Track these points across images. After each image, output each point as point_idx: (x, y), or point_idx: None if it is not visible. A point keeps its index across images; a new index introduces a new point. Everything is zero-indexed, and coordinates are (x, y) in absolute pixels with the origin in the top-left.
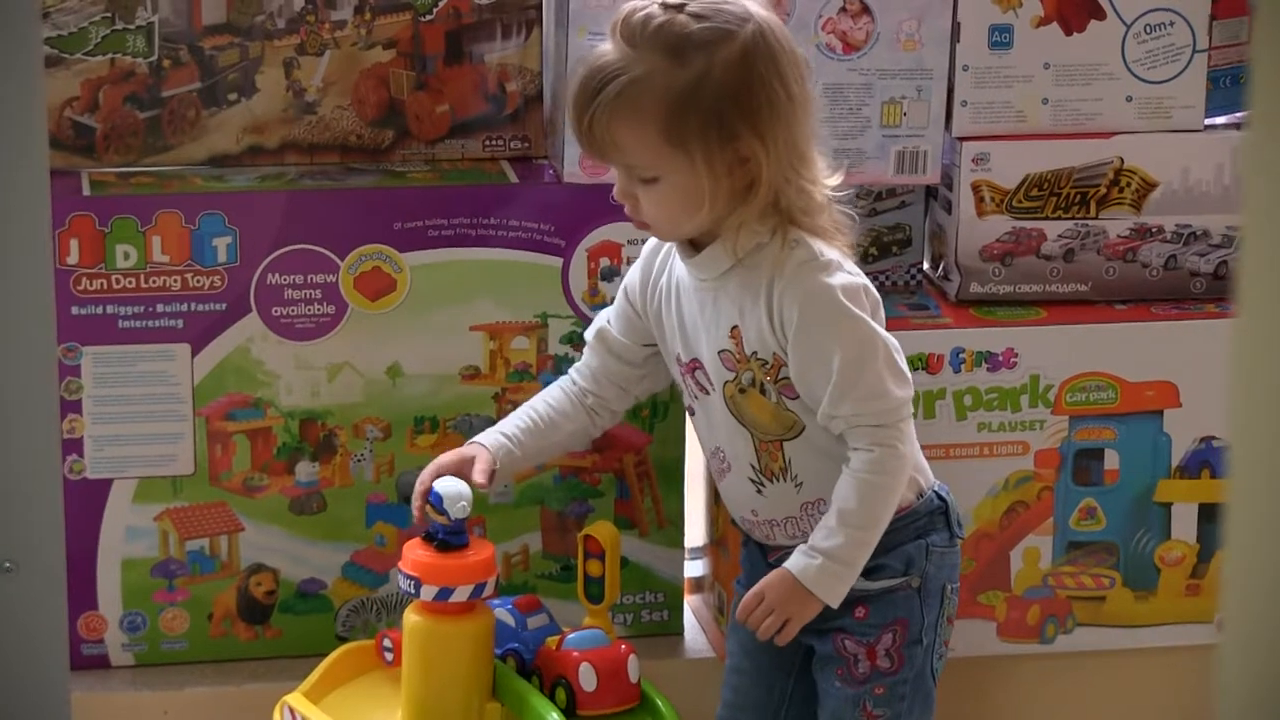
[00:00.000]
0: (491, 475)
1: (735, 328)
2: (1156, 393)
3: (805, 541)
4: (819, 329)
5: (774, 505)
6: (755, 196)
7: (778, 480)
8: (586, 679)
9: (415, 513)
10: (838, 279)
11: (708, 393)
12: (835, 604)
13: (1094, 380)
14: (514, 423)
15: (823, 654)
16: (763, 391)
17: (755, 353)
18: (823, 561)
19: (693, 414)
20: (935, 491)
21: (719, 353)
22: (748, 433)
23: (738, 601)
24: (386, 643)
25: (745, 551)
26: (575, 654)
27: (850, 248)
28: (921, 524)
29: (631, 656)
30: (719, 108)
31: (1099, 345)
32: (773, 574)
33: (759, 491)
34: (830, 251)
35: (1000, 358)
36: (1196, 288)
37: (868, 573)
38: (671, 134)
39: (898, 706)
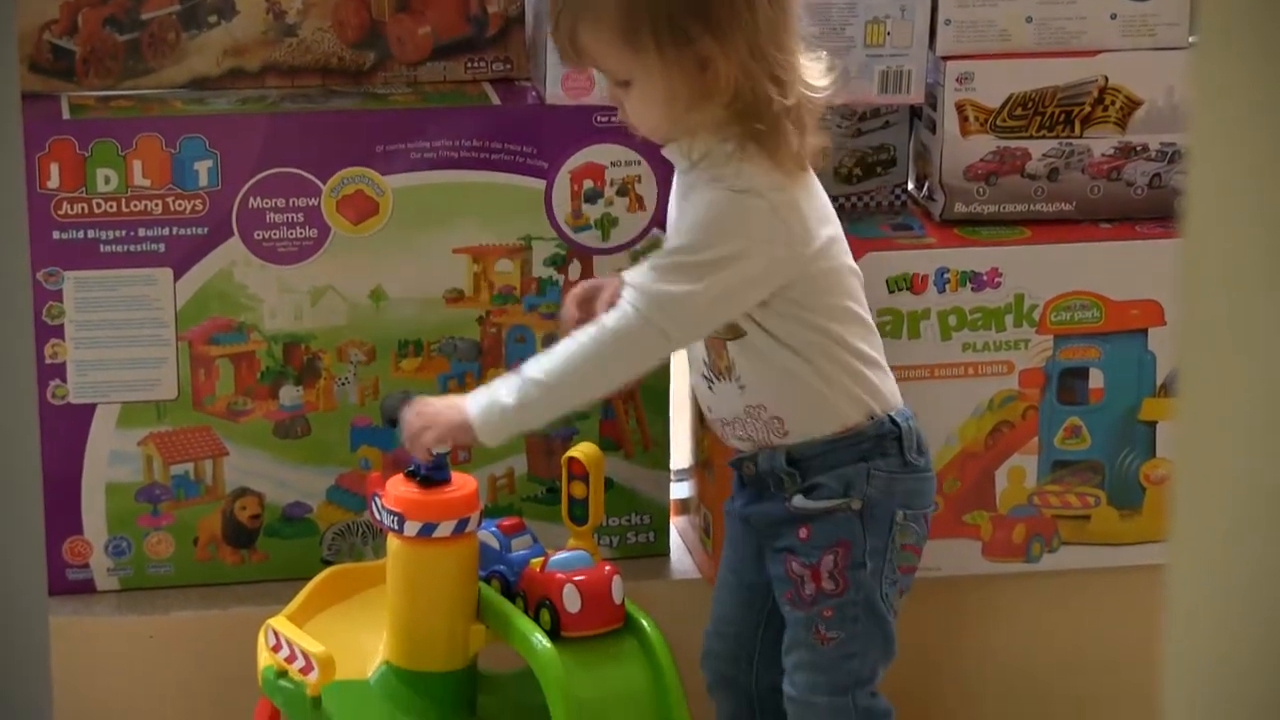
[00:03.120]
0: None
1: (677, 225)
2: (1141, 311)
3: (755, 446)
4: (690, 216)
5: (722, 404)
6: (711, 102)
7: (724, 379)
8: (570, 601)
9: (568, 317)
10: (746, 197)
11: None
12: (487, 440)
13: (1078, 299)
14: None
15: (775, 575)
16: None
17: None
18: (491, 391)
19: None
20: (891, 416)
21: None
22: None
23: (730, 526)
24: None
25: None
26: (559, 576)
27: (816, 169)
28: (866, 447)
29: (616, 578)
30: (669, 9)
31: (1084, 264)
32: (450, 399)
33: (710, 389)
34: (762, 179)
35: (985, 277)
36: (1181, 206)
37: (807, 491)
38: (629, 37)
39: (851, 628)
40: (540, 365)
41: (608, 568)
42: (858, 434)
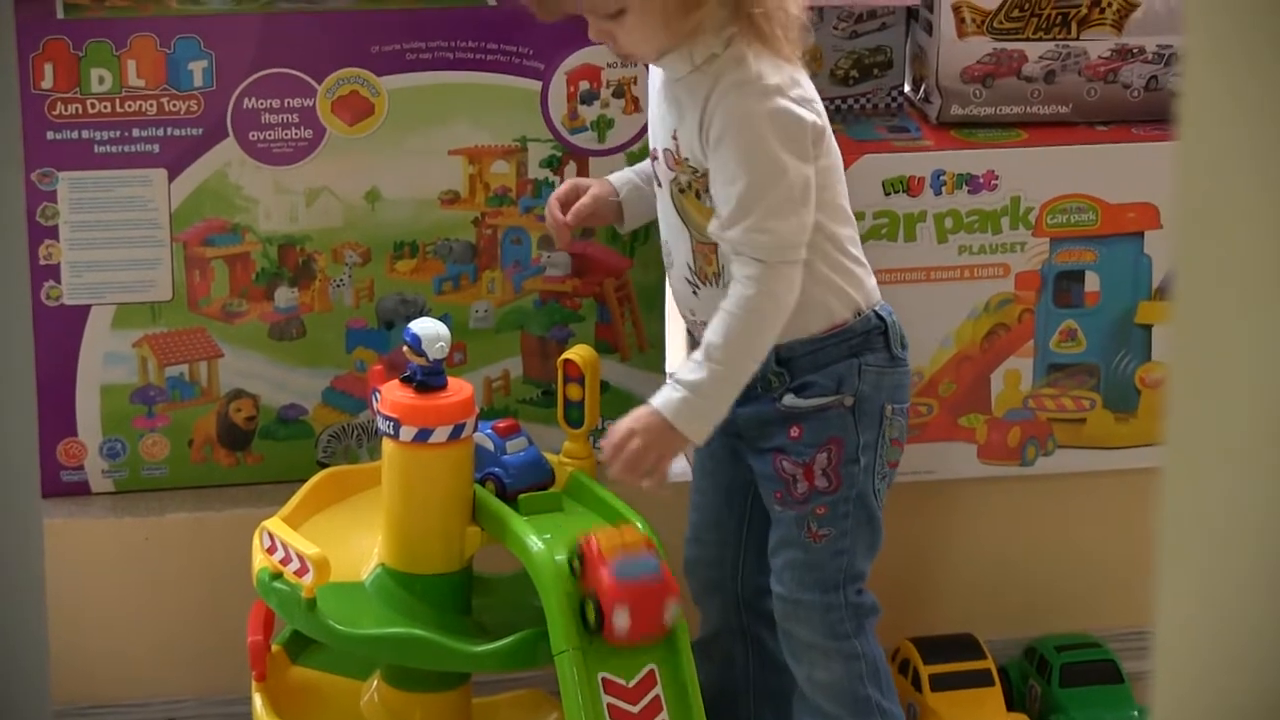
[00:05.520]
0: (586, 214)
1: (675, 131)
2: (1137, 214)
3: None
4: (734, 151)
5: (706, 308)
6: (707, 2)
7: (710, 284)
8: (620, 622)
9: (549, 218)
10: (772, 105)
11: (660, 185)
12: (699, 440)
13: (1075, 202)
14: (641, 164)
15: (762, 474)
16: (697, 196)
17: (688, 159)
18: (685, 395)
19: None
20: (875, 311)
21: (663, 151)
22: (688, 231)
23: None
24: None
25: None
26: (618, 587)
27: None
28: (856, 343)
29: (670, 600)
30: None
31: (1080, 167)
32: (640, 410)
33: (694, 293)
34: (777, 74)
35: (981, 180)
36: (1177, 108)
37: (799, 390)
38: None
39: (842, 525)
40: (714, 353)
41: (666, 582)
42: (847, 331)
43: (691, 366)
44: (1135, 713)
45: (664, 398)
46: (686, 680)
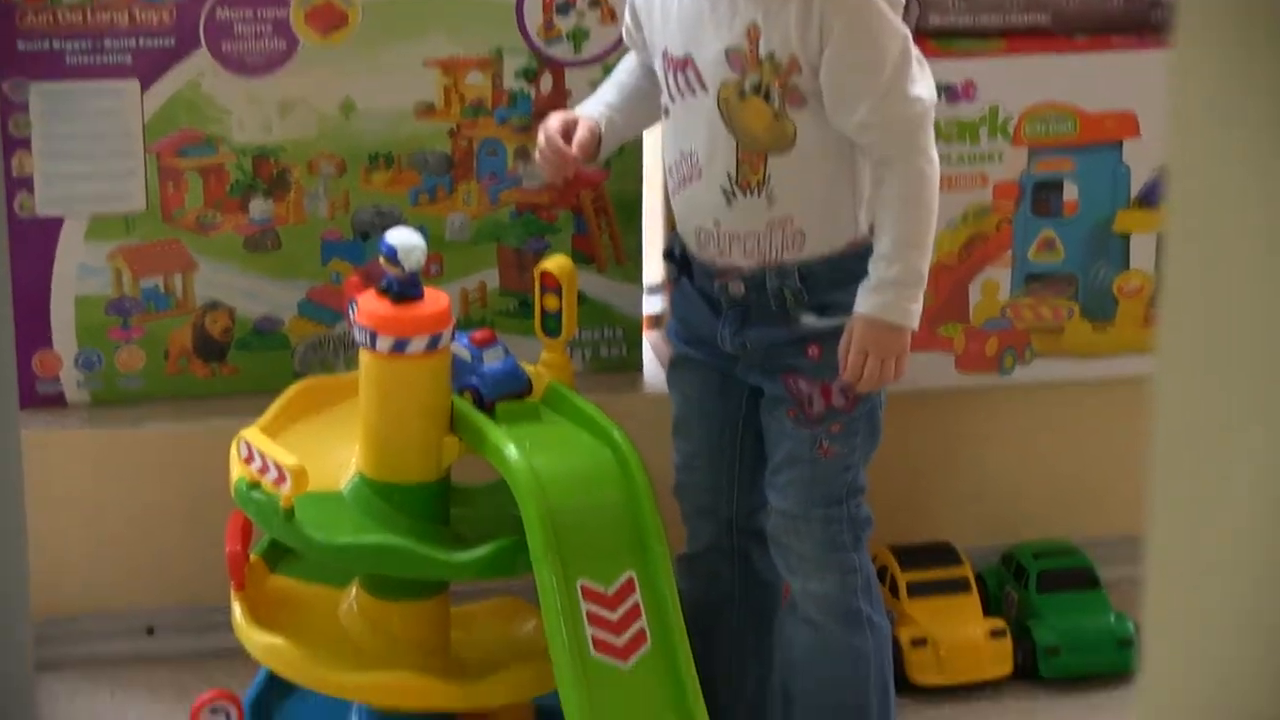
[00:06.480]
0: (591, 145)
1: (754, 26)
2: (1115, 123)
3: (760, 262)
4: (864, 39)
5: (740, 218)
6: None
7: (751, 194)
8: None
9: (541, 141)
10: None
11: (694, 93)
12: (917, 325)
13: (1053, 111)
14: (608, 93)
15: (773, 395)
16: (766, 97)
17: (772, 54)
18: (894, 292)
19: (667, 114)
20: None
21: (726, 51)
22: (733, 140)
23: (675, 349)
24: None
25: (678, 294)
26: None
27: None
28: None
29: None
30: None
31: (1058, 76)
32: (855, 324)
33: (727, 202)
34: None
35: (959, 90)
36: (1157, 17)
37: (819, 310)
38: None
39: (852, 442)
40: (900, 240)
41: None
42: (865, 247)
43: (884, 263)
44: (1111, 618)
45: (874, 303)
46: (664, 588)
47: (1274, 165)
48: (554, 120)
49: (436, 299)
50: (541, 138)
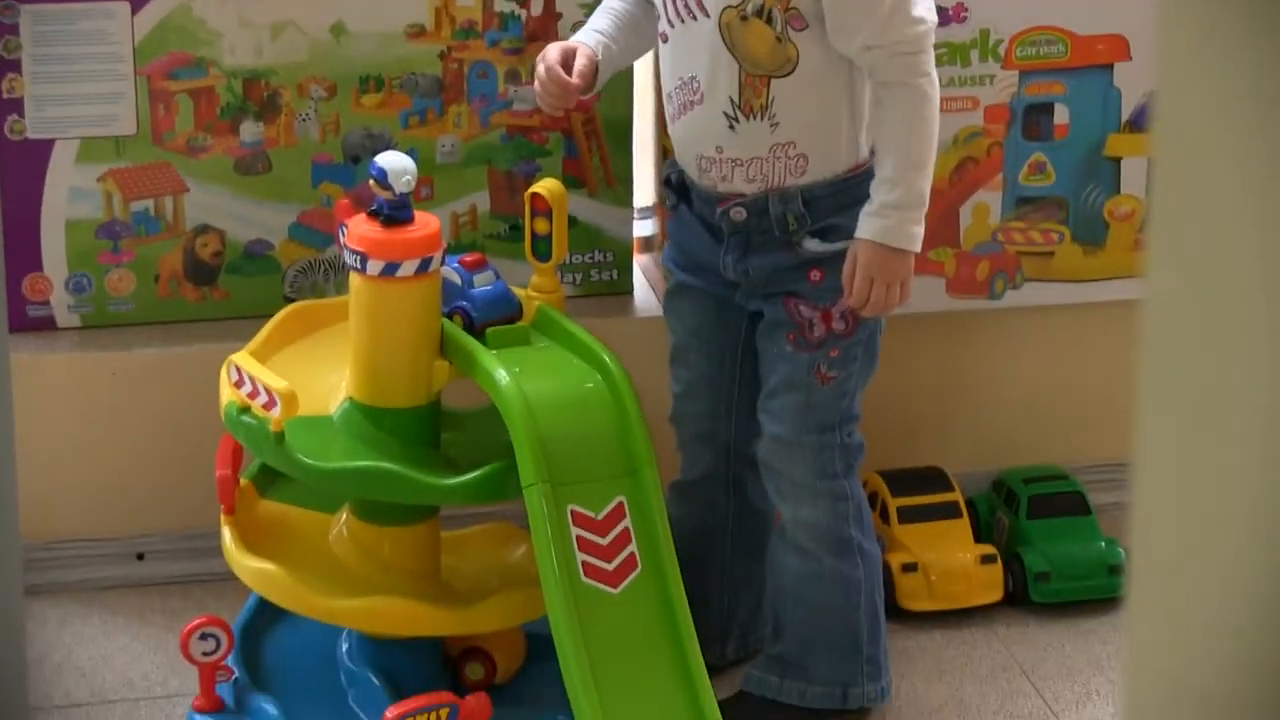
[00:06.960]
0: (591, 74)
1: None
2: (1107, 46)
3: (761, 187)
4: None
5: (743, 143)
6: None
7: (754, 118)
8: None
9: (540, 73)
10: None
11: (695, 18)
12: (919, 247)
13: (1044, 34)
14: (602, 22)
15: (773, 319)
16: (768, 20)
17: None
18: (897, 216)
19: (665, 40)
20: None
21: None
22: (736, 64)
23: (672, 277)
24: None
25: (676, 221)
26: None
27: None
28: (872, 184)
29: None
30: None
31: None
32: (857, 248)
33: (730, 127)
34: None
35: (950, 12)
36: None
37: (821, 234)
38: None
39: (850, 367)
40: (902, 163)
41: None
42: (866, 170)
43: (886, 187)
44: (1102, 544)
45: (877, 228)
46: (655, 513)
47: (1263, 87)
48: (553, 51)
49: (427, 222)
50: (541, 69)
